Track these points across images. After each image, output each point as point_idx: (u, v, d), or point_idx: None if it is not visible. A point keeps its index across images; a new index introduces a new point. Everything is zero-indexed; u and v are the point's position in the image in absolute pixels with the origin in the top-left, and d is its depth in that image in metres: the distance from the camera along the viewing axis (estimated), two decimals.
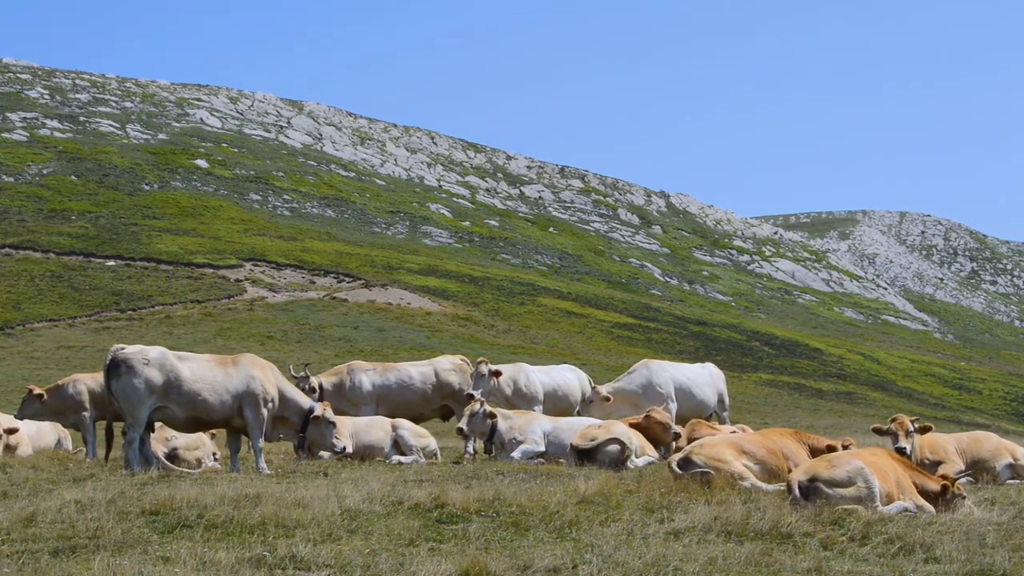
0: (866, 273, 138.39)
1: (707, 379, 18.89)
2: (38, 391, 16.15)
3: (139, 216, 72.61)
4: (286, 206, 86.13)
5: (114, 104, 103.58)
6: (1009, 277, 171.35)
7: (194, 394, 13.26)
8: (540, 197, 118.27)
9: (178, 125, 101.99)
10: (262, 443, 13.73)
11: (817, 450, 11.94)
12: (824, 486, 9.76)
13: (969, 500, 10.29)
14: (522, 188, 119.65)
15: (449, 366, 17.70)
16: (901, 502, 9.93)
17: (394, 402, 17.21)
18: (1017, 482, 12.96)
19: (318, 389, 16.94)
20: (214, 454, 15.45)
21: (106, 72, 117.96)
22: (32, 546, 8.42)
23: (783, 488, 10.35)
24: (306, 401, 14.32)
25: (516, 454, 14.57)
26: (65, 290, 55.00)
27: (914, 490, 10.18)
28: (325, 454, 14.63)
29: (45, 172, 78.72)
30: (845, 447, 12.14)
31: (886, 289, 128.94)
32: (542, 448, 14.75)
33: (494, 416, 15.05)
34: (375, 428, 15.40)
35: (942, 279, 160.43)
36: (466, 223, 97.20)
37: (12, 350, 44.04)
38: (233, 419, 13.56)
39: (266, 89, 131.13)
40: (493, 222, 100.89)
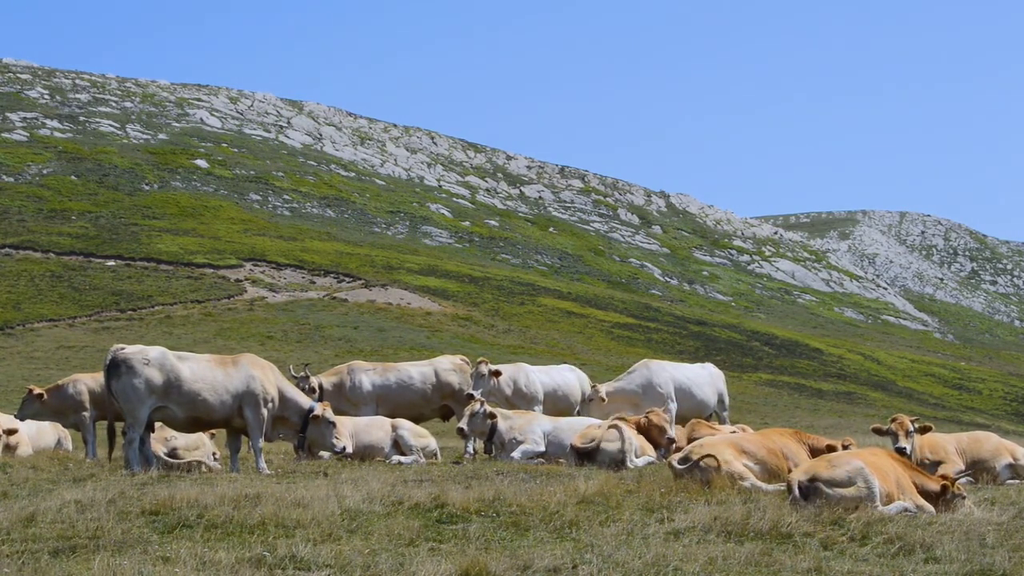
0: (866, 273, 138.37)
1: (707, 379, 18.88)
2: (38, 391, 16.15)
3: (139, 216, 72.61)
4: (286, 206, 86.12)
5: (114, 104, 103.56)
6: (1009, 277, 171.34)
7: (194, 394, 13.26)
8: (540, 197, 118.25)
9: (178, 125, 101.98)
10: (262, 443, 13.73)
11: (817, 450, 11.94)
12: (824, 486, 9.75)
13: (969, 500, 10.29)
14: (522, 188, 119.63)
15: (449, 366, 17.69)
16: (901, 502, 9.93)
17: (394, 402, 17.20)
18: (1017, 482, 12.97)
19: (318, 389, 16.93)
20: (214, 454, 15.45)
21: (106, 72, 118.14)
22: (32, 546, 8.41)
23: (783, 488, 10.34)
24: (306, 401, 14.31)
25: (516, 454, 14.57)
26: (65, 290, 54.99)
27: (914, 490, 10.18)
28: (325, 454, 14.63)
29: (45, 172, 78.72)
30: (845, 447, 12.14)
31: (886, 289, 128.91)
32: (542, 448, 14.75)
33: (494, 416, 15.05)
34: (375, 428, 15.39)
35: (942, 279, 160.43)
36: (466, 223, 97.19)
37: (12, 350, 44.03)
38: (233, 419, 13.57)
39: (266, 89, 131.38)
40: (493, 222, 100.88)
